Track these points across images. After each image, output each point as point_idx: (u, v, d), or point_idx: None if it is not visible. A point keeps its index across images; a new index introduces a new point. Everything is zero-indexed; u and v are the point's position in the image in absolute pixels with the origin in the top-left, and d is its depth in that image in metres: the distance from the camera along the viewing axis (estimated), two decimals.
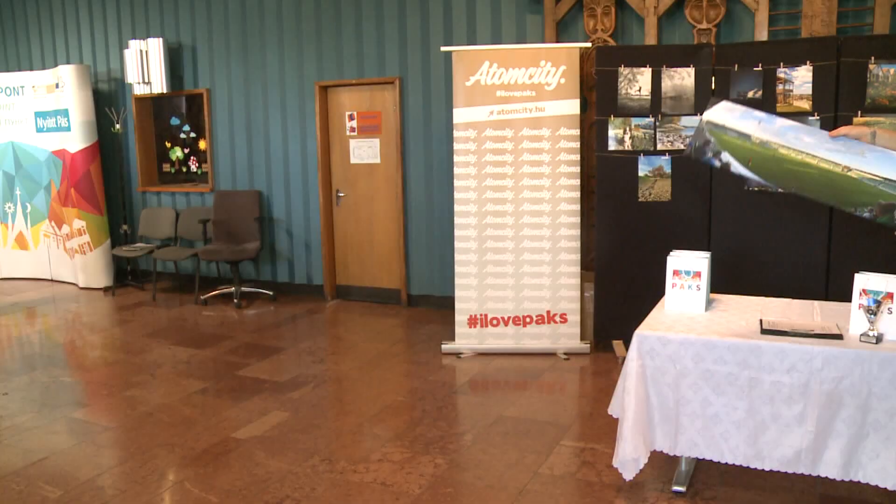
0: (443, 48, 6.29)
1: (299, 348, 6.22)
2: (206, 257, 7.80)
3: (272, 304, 7.87)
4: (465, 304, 6.00)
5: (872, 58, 4.96)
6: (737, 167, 3.24)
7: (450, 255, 6.16)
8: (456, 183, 5.97)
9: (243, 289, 7.99)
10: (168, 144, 8.87)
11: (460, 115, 5.93)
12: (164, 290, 8.67)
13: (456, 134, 5.95)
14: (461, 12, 6.93)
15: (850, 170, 3.04)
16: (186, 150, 8.74)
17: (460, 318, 6.00)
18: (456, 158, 5.96)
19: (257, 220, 8.02)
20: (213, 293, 8.08)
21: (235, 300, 7.81)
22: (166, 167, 8.92)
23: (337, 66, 7.57)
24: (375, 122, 7.55)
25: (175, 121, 8.75)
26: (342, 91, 7.69)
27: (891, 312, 3.30)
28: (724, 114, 3.36)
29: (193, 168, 8.72)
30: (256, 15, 7.91)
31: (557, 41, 6.40)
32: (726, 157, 3.28)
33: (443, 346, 6.07)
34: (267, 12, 7.85)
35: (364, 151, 7.64)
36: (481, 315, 5.98)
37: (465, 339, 5.99)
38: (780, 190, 3.17)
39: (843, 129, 3.25)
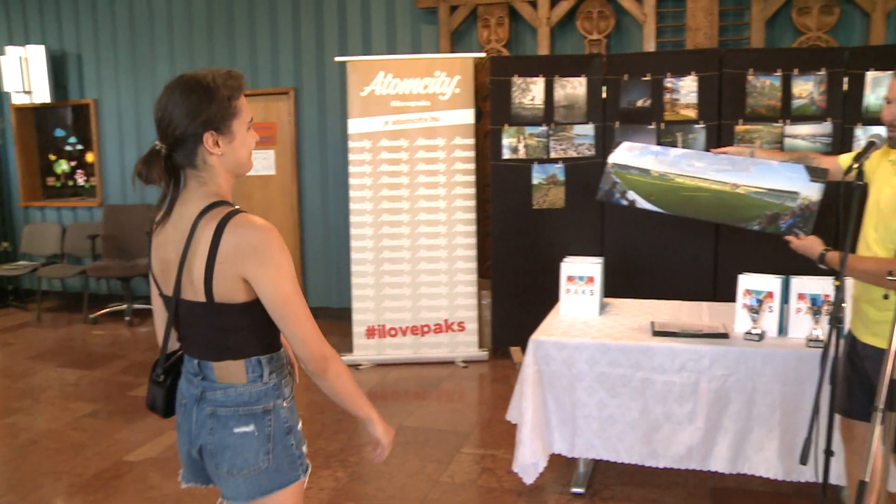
0: (337, 58, 6.23)
1: None
2: (96, 274, 7.46)
3: None
4: (363, 315, 5.93)
5: (751, 70, 5.17)
6: (641, 203, 3.35)
7: (346, 267, 6.09)
8: (352, 194, 5.90)
9: (136, 306, 7.67)
10: (53, 157, 8.45)
11: (355, 125, 5.87)
12: (50, 309, 8.24)
13: (351, 144, 5.89)
14: (356, 22, 6.88)
15: (737, 187, 3.15)
16: (73, 163, 8.35)
17: (358, 329, 5.92)
18: (351, 169, 5.89)
19: (148, 234, 7.71)
20: (104, 311, 7.73)
21: (127, 318, 7.50)
22: (51, 181, 8.50)
23: None
24: (270, 133, 7.40)
25: (60, 132, 8.35)
26: None
27: (771, 311, 3.42)
28: (626, 154, 3.48)
29: (81, 181, 8.34)
30: (146, 23, 7.65)
31: (452, 51, 6.42)
32: (631, 195, 3.38)
33: (341, 358, 5.95)
34: (157, 21, 7.60)
35: (258, 163, 7.48)
36: (379, 326, 5.92)
37: (364, 350, 5.92)
38: (683, 216, 3.30)
39: (724, 149, 3.38)
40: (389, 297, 5.91)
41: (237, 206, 1.85)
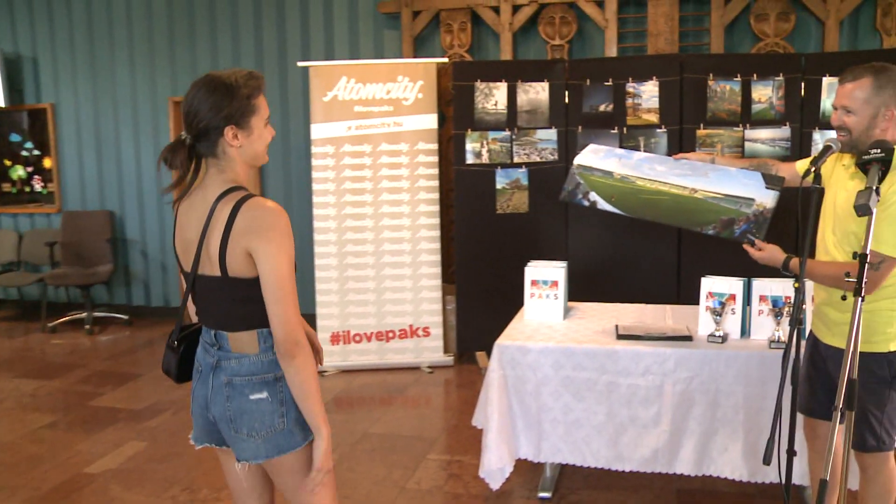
0: (300, 63, 6.19)
1: (157, 374, 5.89)
2: (54, 282, 7.31)
3: (127, 328, 7.46)
4: (328, 321, 5.88)
5: (711, 75, 5.24)
6: (603, 204, 3.36)
7: (310, 273, 6.03)
8: (315, 199, 5.86)
9: (95, 314, 7.53)
10: (8, 163, 8.27)
11: (318, 130, 5.83)
12: (7, 318, 8.06)
13: (314, 150, 5.85)
14: (319, 27, 6.84)
15: (696, 191, 3.18)
16: (29, 169, 8.18)
17: (323, 335, 5.87)
18: (314, 174, 5.85)
19: (109, 241, 7.59)
20: (63, 320, 7.57)
21: (87, 326, 7.35)
22: (6, 187, 8.31)
23: (192, 80, 7.26)
24: None
25: (15, 137, 8.17)
26: None
27: (734, 313, 3.45)
28: (591, 156, 3.51)
29: (38, 188, 8.17)
30: (105, 27, 7.52)
31: (415, 56, 6.41)
32: (593, 196, 3.39)
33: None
34: (116, 24, 7.48)
35: None
36: (344, 332, 5.88)
37: (329, 356, 5.86)
38: (641, 219, 3.32)
39: (685, 154, 3.41)
40: (354, 303, 5.87)
41: (252, 193, 2.05)
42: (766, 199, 3.02)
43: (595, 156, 3.49)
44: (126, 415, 5.01)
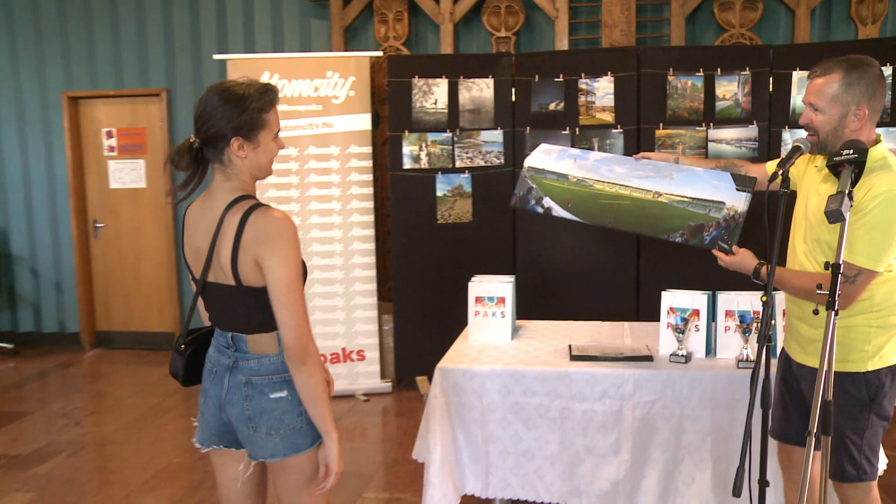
0: (216, 56, 6.10)
1: (49, 411, 5.73)
2: None
3: (13, 359, 7.23)
4: None
5: (671, 69, 5.32)
6: (558, 210, 3.36)
7: None
8: None
9: None
10: None
11: None
12: None
13: None
14: (237, 16, 6.76)
15: (660, 195, 3.20)
16: None
17: None
18: None
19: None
20: None
21: None
22: None
23: (89, 74, 7.15)
24: (139, 141, 7.19)
25: None
26: (97, 104, 7.27)
27: (698, 330, 3.49)
28: (543, 157, 3.50)
29: None
30: None
31: (345, 49, 6.38)
32: (547, 201, 3.39)
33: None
34: None
35: (126, 174, 7.26)
36: None
37: None
38: (601, 225, 3.33)
39: (647, 154, 3.43)
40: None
41: (260, 202, 2.29)
42: (738, 202, 3.06)
43: (547, 157, 3.50)
44: (8, 462, 4.83)
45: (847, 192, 2.27)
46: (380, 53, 6.11)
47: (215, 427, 2.43)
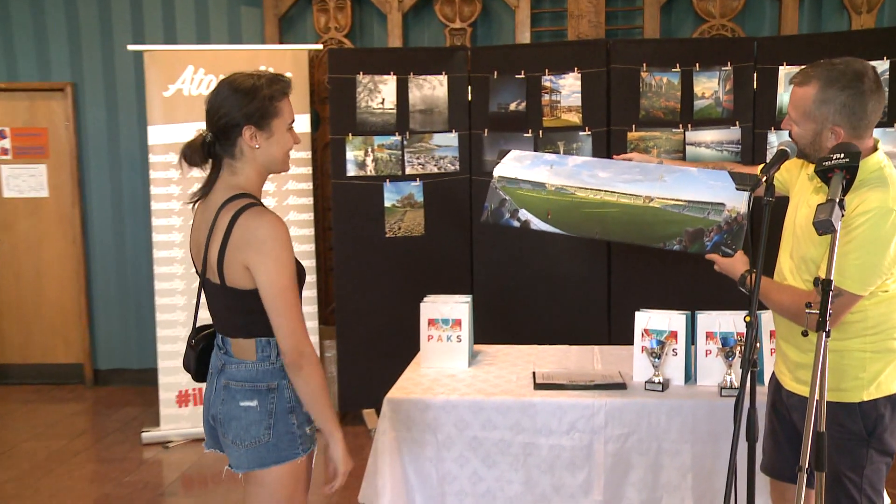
0: (131, 47, 6.06)
1: None
2: None
3: None
4: (174, 376, 5.73)
5: (644, 64, 5.38)
6: (537, 223, 3.38)
7: (150, 315, 5.88)
8: (155, 222, 5.73)
9: None
10: None
11: (158, 133, 5.71)
12: None
13: (153, 158, 5.72)
14: (154, 1, 6.71)
15: (651, 199, 3.22)
16: None
17: (167, 395, 5.73)
18: (153, 190, 5.72)
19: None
20: None
21: None
22: None
23: None
24: (40, 143, 7.09)
25: None
26: None
27: (676, 354, 3.51)
28: (514, 165, 3.52)
29: None
30: None
31: (281, 41, 6.37)
32: (524, 214, 3.40)
33: (143, 434, 5.77)
34: None
35: (24, 182, 7.15)
36: (195, 389, 5.74)
37: (175, 422, 5.72)
38: (587, 237, 3.33)
39: (629, 155, 3.46)
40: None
41: (254, 202, 2.50)
42: (739, 202, 3.08)
43: (520, 164, 3.52)
44: None
45: (838, 200, 2.25)
46: (320, 46, 6.11)
47: (208, 430, 2.68)
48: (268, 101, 2.50)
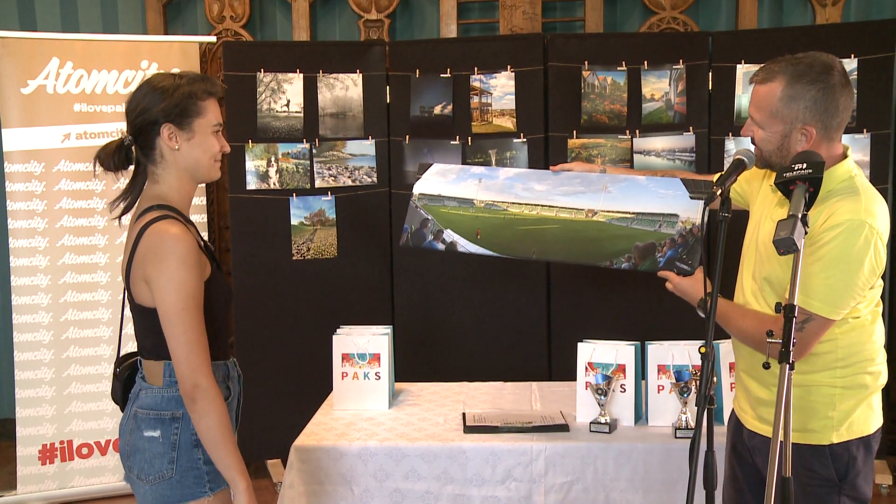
0: None
1: None
2: None
3: None
4: (35, 428, 5.62)
5: (586, 62, 5.44)
6: (464, 245, 3.40)
7: (7, 356, 5.78)
8: (12, 243, 5.62)
9: None
10: None
11: (15, 138, 5.60)
12: None
13: (9, 168, 5.61)
14: None
15: (595, 213, 3.26)
16: None
17: (26, 451, 5.60)
18: (10, 206, 5.61)
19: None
20: None
21: None
22: None
23: None
24: None
25: None
26: None
27: (624, 391, 3.57)
28: (437, 181, 3.54)
29: None
30: None
31: (166, 32, 6.32)
32: (450, 235, 3.43)
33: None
34: None
35: None
36: (62, 443, 5.65)
37: (36, 483, 5.60)
38: (524, 258, 3.35)
39: (567, 165, 3.50)
40: (80, 398, 5.67)
41: (168, 214, 2.59)
42: (694, 212, 3.13)
43: (443, 179, 3.54)
44: None
45: (800, 215, 2.29)
46: (213, 39, 6.08)
47: (123, 461, 2.72)
48: (188, 98, 2.61)
